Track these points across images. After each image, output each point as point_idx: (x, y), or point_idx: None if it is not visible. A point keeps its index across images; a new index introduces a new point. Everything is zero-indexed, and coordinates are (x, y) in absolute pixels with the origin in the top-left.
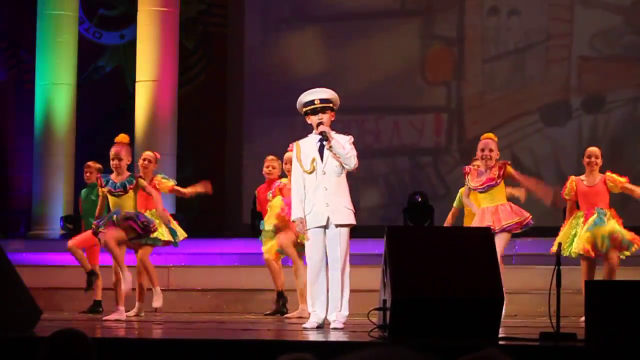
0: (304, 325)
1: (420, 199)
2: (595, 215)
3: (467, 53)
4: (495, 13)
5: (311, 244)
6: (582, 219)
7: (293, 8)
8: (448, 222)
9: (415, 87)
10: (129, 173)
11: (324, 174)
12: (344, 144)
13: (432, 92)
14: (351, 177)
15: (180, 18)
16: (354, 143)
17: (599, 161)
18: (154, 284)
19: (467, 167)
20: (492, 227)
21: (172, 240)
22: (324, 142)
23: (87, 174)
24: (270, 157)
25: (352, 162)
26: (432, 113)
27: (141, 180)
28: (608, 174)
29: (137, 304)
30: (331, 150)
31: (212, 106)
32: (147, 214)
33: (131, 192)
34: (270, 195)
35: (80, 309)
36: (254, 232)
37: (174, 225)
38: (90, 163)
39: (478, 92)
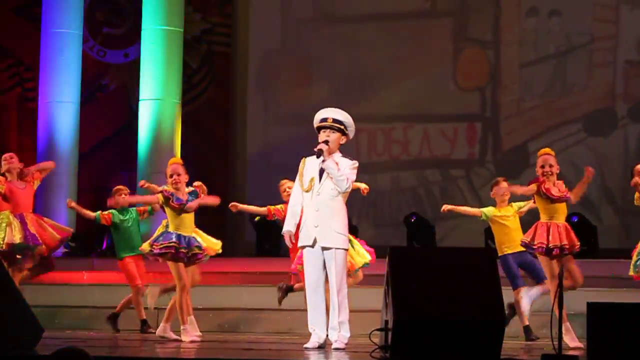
0: (305, 345)
1: (414, 220)
2: None
3: (503, 57)
4: (535, 14)
5: (306, 263)
6: None
7: (316, 9)
8: (467, 211)
9: (446, 94)
10: (188, 190)
11: (319, 194)
12: (344, 167)
13: (465, 99)
14: (378, 189)
15: (184, 37)
16: (358, 168)
17: None
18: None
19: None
20: (565, 246)
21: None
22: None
23: (122, 196)
24: (284, 180)
25: (343, 185)
26: (465, 122)
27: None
28: None
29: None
30: (325, 169)
31: (216, 124)
32: None
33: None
34: None
35: (82, 327)
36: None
37: (205, 238)
38: (121, 187)
39: (515, 99)
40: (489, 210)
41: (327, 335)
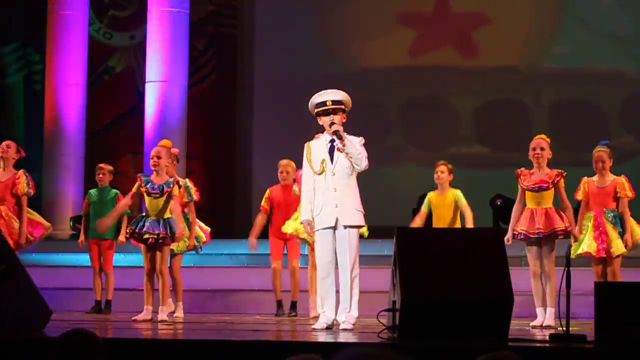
0: (313, 326)
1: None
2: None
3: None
4: None
5: (320, 245)
6: (591, 222)
7: None
8: (416, 224)
9: (469, 73)
10: (167, 176)
11: (334, 175)
12: (355, 144)
13: (490, 77)
14: (404, 170)
15: (190, 18)
16: (364, 145)
17: (608, 163)
18: (177, 297)
19: (518, 170)
20: (540, 230)
21: (195, 245)
22: (335, 143)
23: (100, 176)
24: (285, 161)
25: (363, 163)
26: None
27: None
28: (622, 179)
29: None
30: (343, 151)
31: (222, 106)
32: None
33: (166, 195)
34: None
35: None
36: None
37: (197, 230)
38: (102, 165)
39: (543, 80)
40: (427, 201)
41: (336, 317)
